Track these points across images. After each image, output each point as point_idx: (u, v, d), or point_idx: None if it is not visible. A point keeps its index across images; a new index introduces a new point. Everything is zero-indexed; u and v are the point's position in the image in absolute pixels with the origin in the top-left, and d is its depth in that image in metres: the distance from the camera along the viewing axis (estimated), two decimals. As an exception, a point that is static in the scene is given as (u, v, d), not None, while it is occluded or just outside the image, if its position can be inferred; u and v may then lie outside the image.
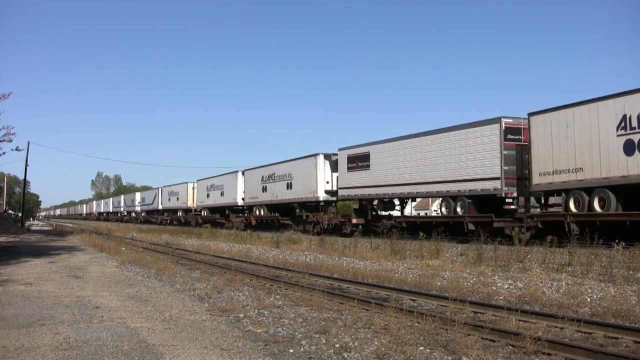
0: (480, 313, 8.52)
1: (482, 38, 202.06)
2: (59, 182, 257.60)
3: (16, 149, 31.28)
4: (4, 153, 30.52)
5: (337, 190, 31.76)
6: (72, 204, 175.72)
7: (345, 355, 6.20)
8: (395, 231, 21.72)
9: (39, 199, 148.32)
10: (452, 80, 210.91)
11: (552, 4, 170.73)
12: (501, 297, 10.15)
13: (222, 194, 47.71)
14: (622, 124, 17.45)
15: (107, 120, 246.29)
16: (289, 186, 35.85)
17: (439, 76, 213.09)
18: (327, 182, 32.41)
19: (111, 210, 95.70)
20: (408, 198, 28.88)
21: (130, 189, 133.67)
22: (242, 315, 8.50)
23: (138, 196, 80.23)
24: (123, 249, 23.39)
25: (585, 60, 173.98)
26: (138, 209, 78.34)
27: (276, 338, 6.99)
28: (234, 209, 46.70)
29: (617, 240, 13.35)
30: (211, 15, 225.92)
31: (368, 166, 28.75)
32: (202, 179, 54.02)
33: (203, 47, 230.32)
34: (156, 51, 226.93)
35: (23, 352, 6.37)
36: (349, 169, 30.28)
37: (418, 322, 7.58)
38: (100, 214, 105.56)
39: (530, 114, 20.72)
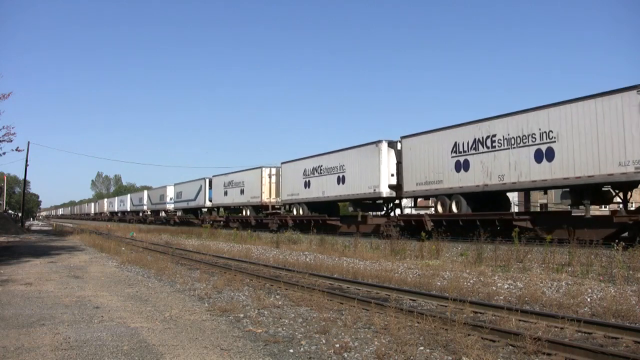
0: (480, 313, 8.52)
1: (482, 38, 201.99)
2: (59, 182, 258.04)
3: (16, 149, 31.38)
4: (4, 153, 30.62)
5: None
6: (75, 203, 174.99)
7: (345, 355, 6.20)
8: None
9: (39, 199, 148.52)
10: (453, 80, 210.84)
11: (552, 4, 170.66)
12: (501, 297, 10.15)
13: (340, 180, 30.46)
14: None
15: (107, 120, 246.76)
16: (544, 156, 19.24)
17: (439, 76, 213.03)
18: None
19: (129, 210, 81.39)
20: None
21: (130, 189, 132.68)
22: (242, 315, 8.49)
23: (171, 191, 62.34)
24: (123, 249, 23.39)
25: (584, 60, 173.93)
26: (170, 207, 62.35)
27: (276, 338, 6.98)
28: (364, 203, 30.37)
29: (616, 240, 13.34)
30: (211, 16, 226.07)
31: None
32: (290, 162, 36.53)
33: (203, 47, 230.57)
34: (156, 51, 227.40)
35: (23, 352, 6.37)
36: None
37: (418, 322, 7.58)
38: (113, 213, 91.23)
39: None
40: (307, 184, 33.91)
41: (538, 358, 6.09)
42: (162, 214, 65.80)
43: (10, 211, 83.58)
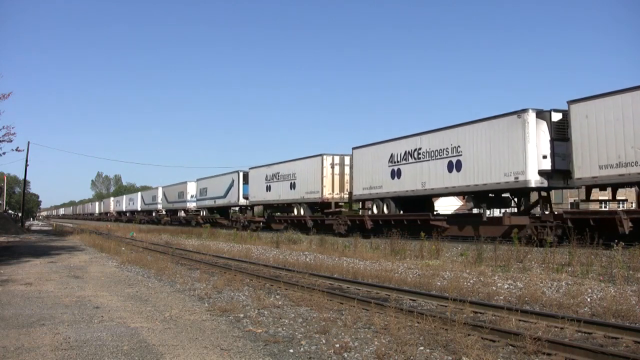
0: (480, 313, 8.52)
1: (482, 38, 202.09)
2: (59, 182, 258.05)
3: (16, 149, 31.42)
4: (4, 153, 30.66)
5: None
6: (75, 203, 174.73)
7: (345, 355, 6.20)
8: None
9: (39, 199, 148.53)
10: (453, 80, 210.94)
11: (552, 4, 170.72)
12: (501, 297, 10.15)
13: (452, 166, 22.55)
14: None
15: (107, 120, 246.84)
16: None
17: (440, 76, 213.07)
18: None
19: (139, 209, 74.44)
20: None
21: (130, 189, 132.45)
22: (242, 315, 8.50)
23: (192, 187, 53.77)
24: (123, 249, 23.38)
25: (584, 60, 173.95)
26: (192, 205, 54.46)
27: (276, 338, 6.99)
28: (496, 198, 22.96)
29: (616, 240, 13.33)
30: (211, 15, 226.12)
31: None
32: (367, 146, 28.53)
33: (203, 47, 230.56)
34: (156, 51, 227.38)
35: (23, 352, 6.37)
36: None
37: (418, 322, 7.58)
38: (121, 213, 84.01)
39: None
40: (395, 174, 25.95)
41: (538, 358, 6.09)
42: (182, 213, 57.53)
43: (10, 211, 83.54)
